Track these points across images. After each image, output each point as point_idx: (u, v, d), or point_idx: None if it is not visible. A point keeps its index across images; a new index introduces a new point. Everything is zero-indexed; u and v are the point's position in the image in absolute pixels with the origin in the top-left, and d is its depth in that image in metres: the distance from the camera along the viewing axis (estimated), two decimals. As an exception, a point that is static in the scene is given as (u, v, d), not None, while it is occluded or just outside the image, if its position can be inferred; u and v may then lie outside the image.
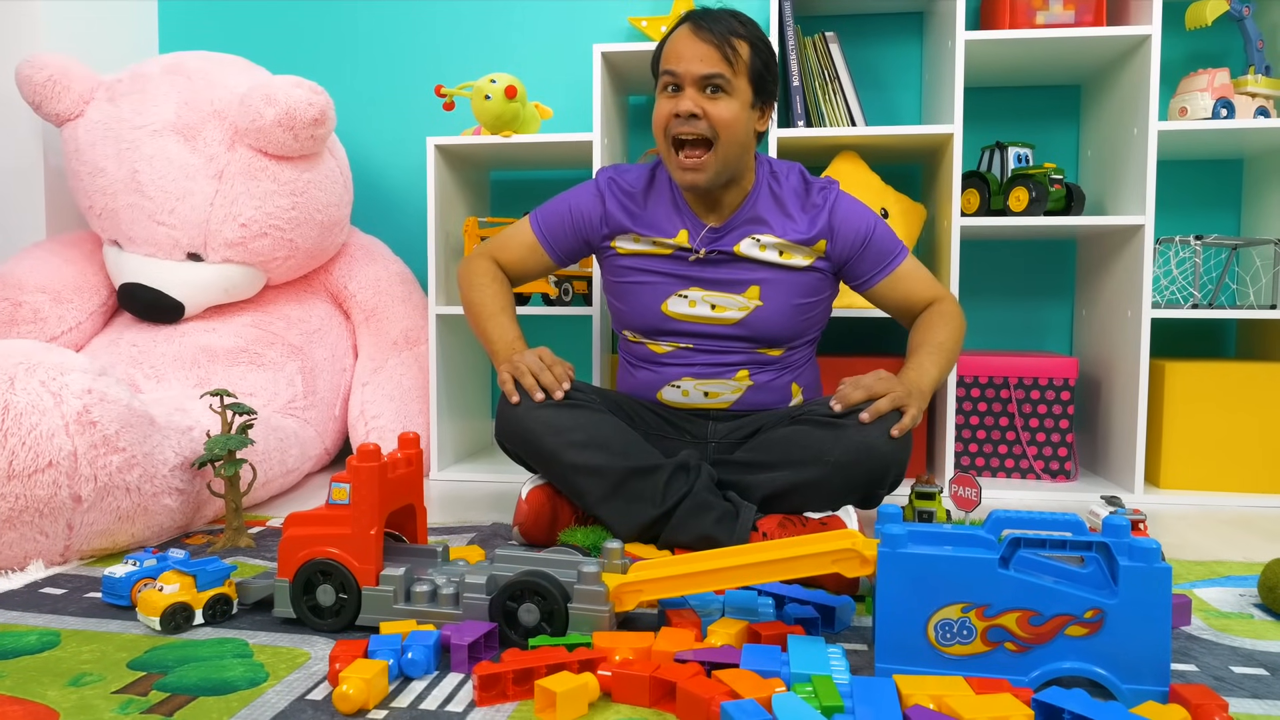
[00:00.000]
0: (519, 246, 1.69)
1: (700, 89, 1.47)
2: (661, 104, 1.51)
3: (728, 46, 1.47)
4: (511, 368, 1.53)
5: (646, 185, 1.63)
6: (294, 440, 1.96)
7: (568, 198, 1.68)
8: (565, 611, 1.05)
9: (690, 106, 1.47)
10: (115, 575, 1.22)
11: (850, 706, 0.87)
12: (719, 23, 1.49)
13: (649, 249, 1.61)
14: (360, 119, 2.56)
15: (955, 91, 1.97)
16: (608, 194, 1.63)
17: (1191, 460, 1.99)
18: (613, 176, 1.66)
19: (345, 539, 1.12)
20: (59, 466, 1.34)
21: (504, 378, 1.52)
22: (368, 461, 1.13)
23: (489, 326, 1.63)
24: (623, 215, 1.62)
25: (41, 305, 2.06)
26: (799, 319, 1.60)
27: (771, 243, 1.57)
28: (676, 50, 1.49)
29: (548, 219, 1.68)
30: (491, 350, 1.62)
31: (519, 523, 1.54)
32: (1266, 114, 1.99)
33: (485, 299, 1.65)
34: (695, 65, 1.47)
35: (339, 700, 0.91)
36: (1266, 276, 2.09)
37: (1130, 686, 0.90)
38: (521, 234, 1.69)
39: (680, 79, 1.48)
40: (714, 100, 1.47)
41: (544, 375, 1.50)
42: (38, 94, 2.07)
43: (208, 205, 2.06)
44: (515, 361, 1.53)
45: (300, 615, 1.14)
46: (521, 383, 1.50)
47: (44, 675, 1.00)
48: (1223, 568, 1.44)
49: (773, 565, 1.03)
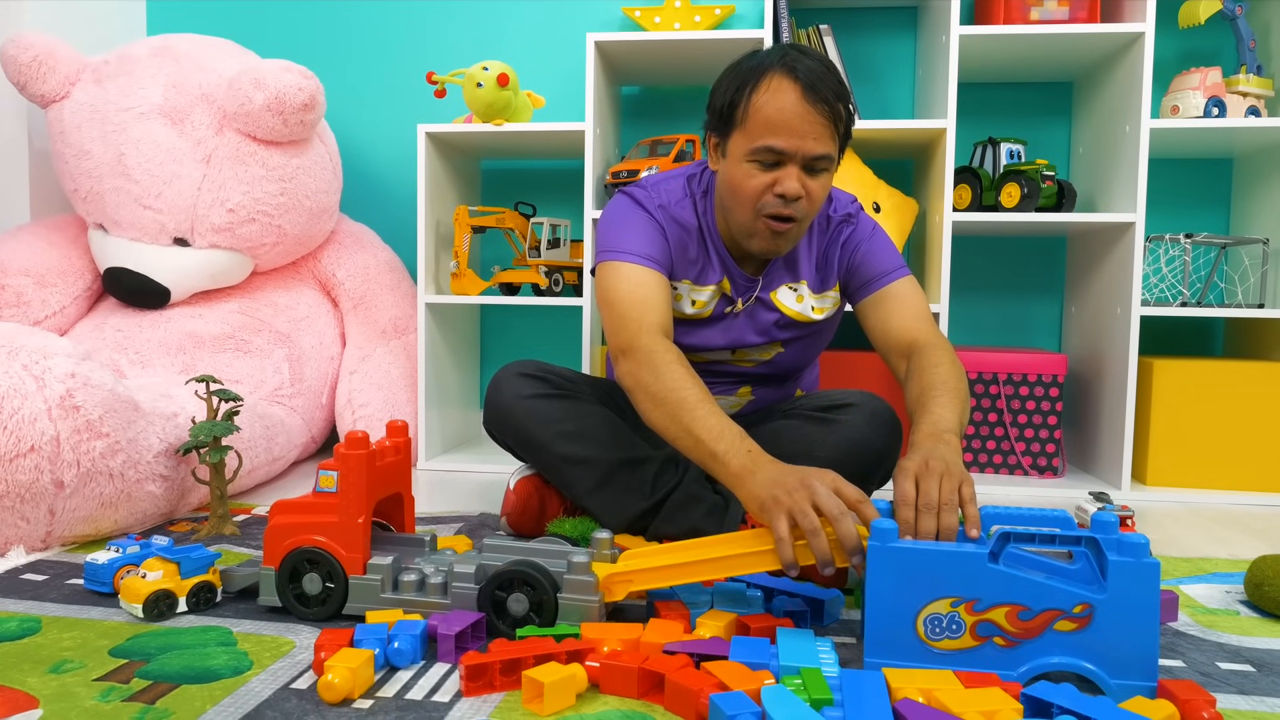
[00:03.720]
0: (658, 298, 1.34)
1: (806, 168, 1.29)
2: (753, 174, 1.29)
3: (839, 117, 1.28)
4: (798, 514, 0.99)
5: (695, 222, 1.44)
6: (280, 428, 1.95)
7: (628, 223, 1.40)
8: (555, 602, 1.04)
9: (798, 189, 1.27)
10: (98, 562, 1.21)
11: (839, 699, 0.86)
12: (825, 83, 1.26)
13: (684, 314, 1.45)
14: (350, 105, 2.54)
15: (949, 86, 1.96)
16: (668, 229, 1.41)
17: (1178, 457, 2.00)
18: (664, 205, 1.42)
19: (332, 527, 1.11)
20: (41, 451, 1.33)
21: (782, 530, 0.99)
22: (356, 449, 1.11)
23: (698, 422, 1.15)
24: (679, 256, 1.42)
25: (25, 289, 2.03)
26: (815, 352, 1.59)
27: (805, 292, 1.47)
28: (787, 121, 1.25)
29: (647, 245, 1.38)
30: (719, 460, 1.12)
31: (507, 513, 1.53)
32: (1257, 113, 1.99)
33: (680, 386, 1.20)
34: (810, 144, 1.26)
35: (324, 689, 0.90)
36: (1255, 275, 2.10)
37: (1118, 681, 0.90)
38: (646, 282, 1.34)
39: (790, 157, 1.27)
40: (815, 177, 1.29)
41: (843, 524, 0.98)
42: (23, 74, 2.05)
43: (195, 190, 2.04)
44: (800, 506, 0.99)
45: (286, 604, 1.13)
46: (812, 544, 0.98)
47: (24, 662, 0.99)
48: (1209, 564, 1.44)
49: (764, 555, 1.03)
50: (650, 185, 1.46)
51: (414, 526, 1.31)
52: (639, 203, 1.43)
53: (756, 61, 1.31)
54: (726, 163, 1.34)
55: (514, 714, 0.88)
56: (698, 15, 2.18)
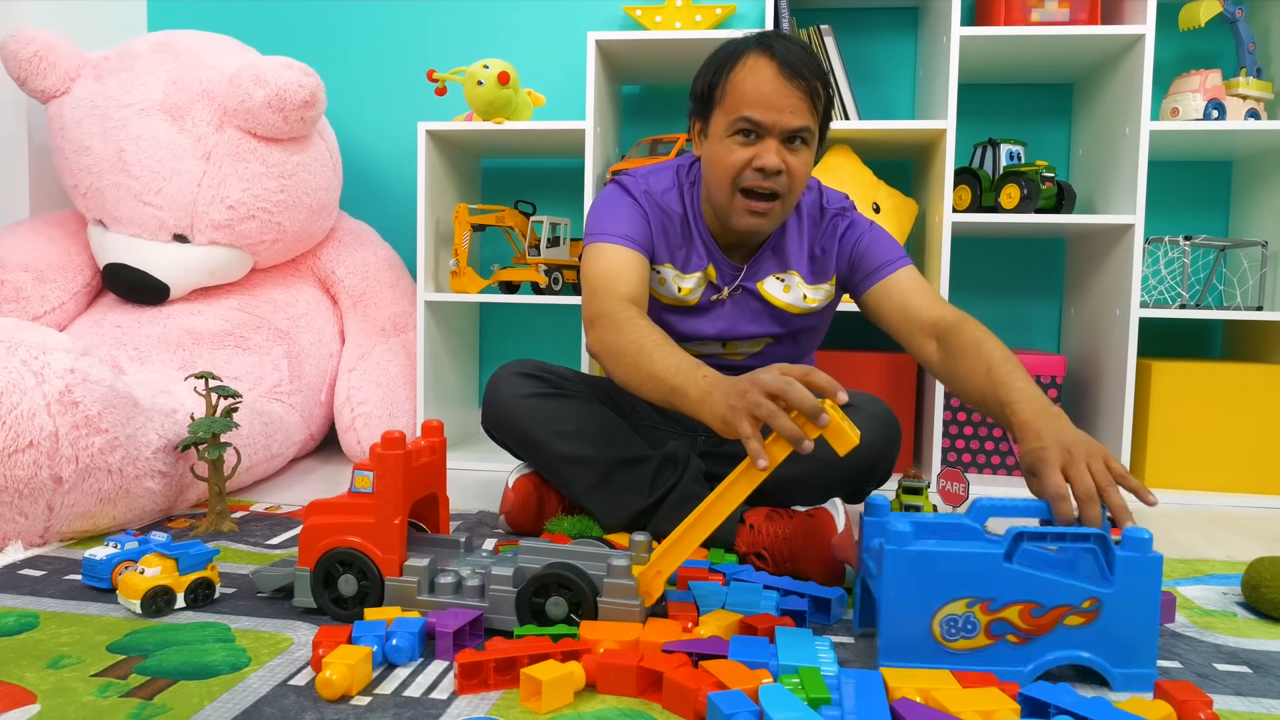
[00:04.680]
0: (631, 273, 1.35)
1: (784, 141, 1.31)
2: (732, 149, 1.31)
3: (815, 94, 1.29)
4: (753, 408, 0.98)
5: (681, 210, 1.45)
6: (279, 425, 1.94)
7: (614, 208, 1.42)
8: (594, 602, 1.03)
9: (777, 163, 1.29)
10: (96, 557, 1.21)
11: (837, 699, 0.86)
12: (803, 61, 1.28)
13: (671, 299, 1.47)
14: (351, 102, 2.54)
15: (949, 87, 1.96)
16: (651, 214, 1.43)
17: (1176, 459, 2.00)
18: (649, 191, 1.44)
19: (368, 528, 1.09)
20: (40, 447, 1.33)
21: (745, 429, 0.98)
22: (392, 449, 1.10)
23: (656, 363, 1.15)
24: (660, 240, 1.45)
25: (24, 284, 2.03)
26: (808, 348, 1.59)
27: (794, 282, 1.48)
28: (764, 95, 1.27)
29: (626, 226, 1.39)
30: (679, 393, 1.11)
31: (505, 511, 1.53)
32: (1257, 116, 2.00)
33: (640, 336, 1.20)
34: (787, 117, 1.28)
35: (322, 686, 0.90)
36: (1253, 278, 2.10)
37: (1122, 671, 0.91)
38: (620, 259, 1.36)
39: (768, 130, 1.29)
40: (795, 152, 1.31)
41: (792, 391, 0.96)
42: (23, 70, 2.04)
43: (195, 186, 2.04)
44: (753, 399, 0.98)
45: (322, 605, 1.11)
46: (775, 425, 0.96)
47: (22, 657, 0.99)
48: (1206, 566, 1.45)
49: (748, 471, 1.01)
50: (640, 174, 1.48)
51: (449, 527, 1.30)
52: (625, 189, 1.45)
53: (735, 45, 1.34)
54: (709, 143, 1.36)
55: (512, 711, 0.88)
56: (699, 15, 2.18)
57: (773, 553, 1.33)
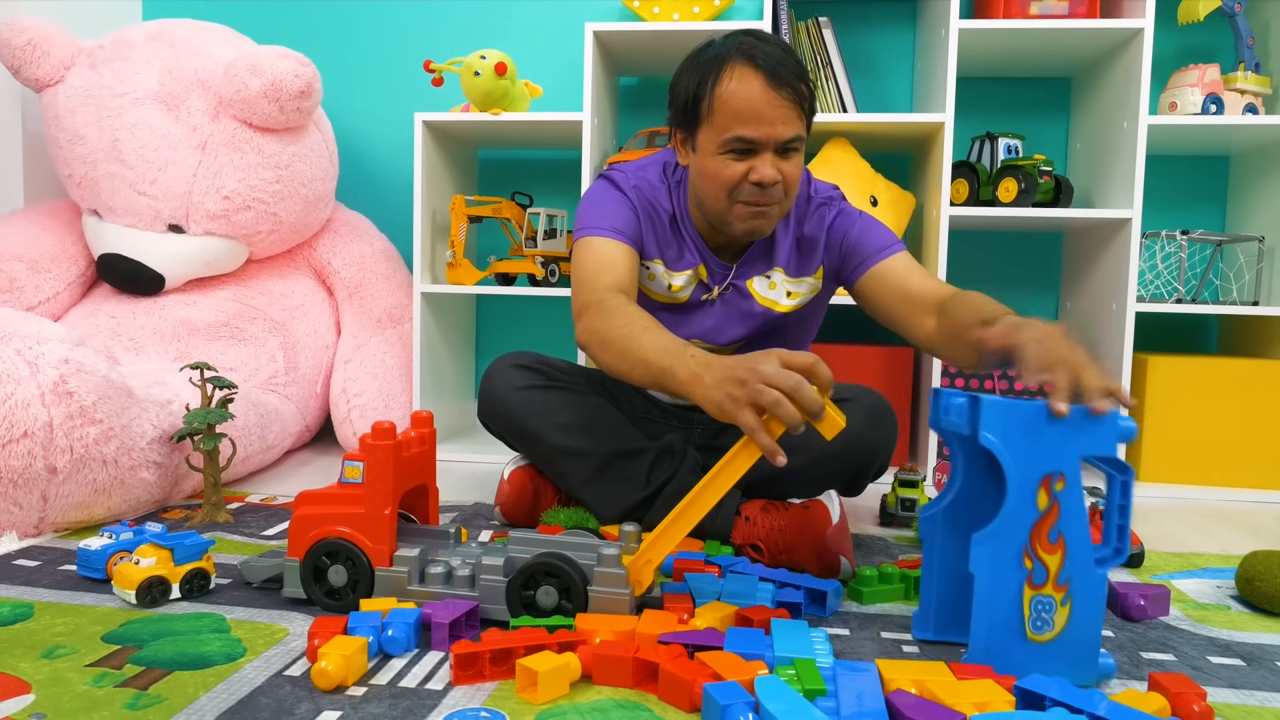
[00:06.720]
0: (620, 265, 1.35)
1: (778, 152, 1.29)
2: (727, 164, 1.29)
3: (803, 97, 1.28)
4: (755, 396, 0.98)
5: (670, 208, 1.45)
6: (274, 416, 1.94)
7: (602, 202, 1.42)
8: (584, 589, 1.03)
9: (774, 175, 1.28)
10: (91, 548, 1.20)
11: (832, 690, 0.87)
12: (786, 66, 1.26)
13: (662, 295, 1.46)
14: (347, 93, 2.53)
15: (947, 80, 1.96)
16: (640, 208, 1.43)
17: (1172, 454, 2.01)
18: (638, 186, 1.43)
19: (358, 518, 1.09)
20: (34, 437, 1.32)
21: (750, 421, 0.98)
22: (383, 439, 1.10)
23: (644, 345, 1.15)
24: (649, 235, 1.44)
25: (18, 274, 2.02)
26: (801, 335, 1.58)
27: (780, 279, 1.47)
28: (755, 110, 1.25)
29: (616, 220, 1.39)
30: (668, 374, 1.11)
31: (500, 503, 1.53)
32: (1255, 111, 2.00)
33: (627, 321, 1.21)
34: (780, 129, 1.26)
35: (317, 677, 0.90)
36: (1250, 273, 2.10)
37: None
38: (609, 251, 1.36)
39: (762, 145, 1.27)
40: (788, 159, 1.30)
41: (802, 391, 0.96)
42: (17, 58, 2.03)
43: (190, 176, 2.03)
44: (754, 388, 0.98)
45: (311, 595, 1.11)
46: (780, 415, 0.96)
47: (16, 647, 0.99)
48: (1201, 560, 1.45)
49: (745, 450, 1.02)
50: (629, 169, 1.47)
51: (438, 518, 1.30)
52: (614, 183, 1.44)
53: (714, 53, 1.30)
54: (697, 157, 1.34)
55: (507, 702, 0.88)
56: (697, 6, 2.17)
57: (768, 545, 1.33)
